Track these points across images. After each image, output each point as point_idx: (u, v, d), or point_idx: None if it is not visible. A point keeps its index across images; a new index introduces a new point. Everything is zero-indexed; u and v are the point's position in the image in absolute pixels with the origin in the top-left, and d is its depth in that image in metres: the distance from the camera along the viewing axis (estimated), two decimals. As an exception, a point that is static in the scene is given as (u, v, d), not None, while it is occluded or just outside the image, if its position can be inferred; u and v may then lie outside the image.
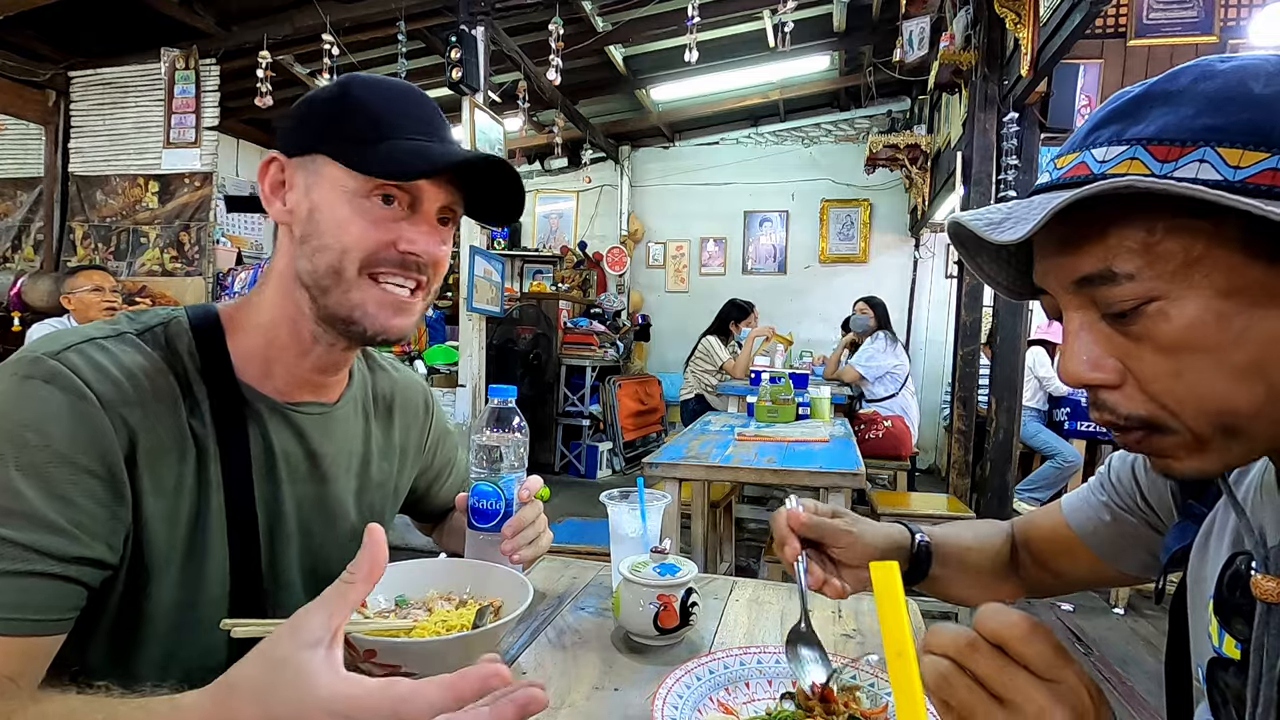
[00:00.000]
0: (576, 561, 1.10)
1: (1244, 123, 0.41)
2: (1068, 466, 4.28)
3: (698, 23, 3.67)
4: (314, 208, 0.70)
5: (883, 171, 5.86)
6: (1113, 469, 0.74)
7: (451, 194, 0.74)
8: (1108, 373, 0.47)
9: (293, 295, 0.72)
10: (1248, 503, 0.55)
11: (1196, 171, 0.41)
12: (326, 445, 0.80)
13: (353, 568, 0.48)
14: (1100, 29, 3.97)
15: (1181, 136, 0.42)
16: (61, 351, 0.62)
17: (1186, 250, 0.42)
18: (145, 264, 4.38)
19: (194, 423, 0.69)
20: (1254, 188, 0.40)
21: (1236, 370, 0.42)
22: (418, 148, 0.70)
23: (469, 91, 3.79)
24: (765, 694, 0.70)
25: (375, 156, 0.68)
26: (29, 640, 0.56)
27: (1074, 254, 0.46)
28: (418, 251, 0.71)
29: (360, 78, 0.74)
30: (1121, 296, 0.44)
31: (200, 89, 4.30)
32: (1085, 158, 0.46)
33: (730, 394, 4.22)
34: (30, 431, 0.58)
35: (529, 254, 7.22)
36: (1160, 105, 0.44)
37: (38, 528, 0.57)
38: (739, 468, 2.15)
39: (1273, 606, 0.48)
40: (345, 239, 0.69)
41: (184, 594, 0.68)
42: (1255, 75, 0.42)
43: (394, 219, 0.71)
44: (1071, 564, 0.78)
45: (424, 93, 0.76)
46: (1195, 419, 0.44)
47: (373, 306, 0.71)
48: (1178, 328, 0.43)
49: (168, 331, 0.71)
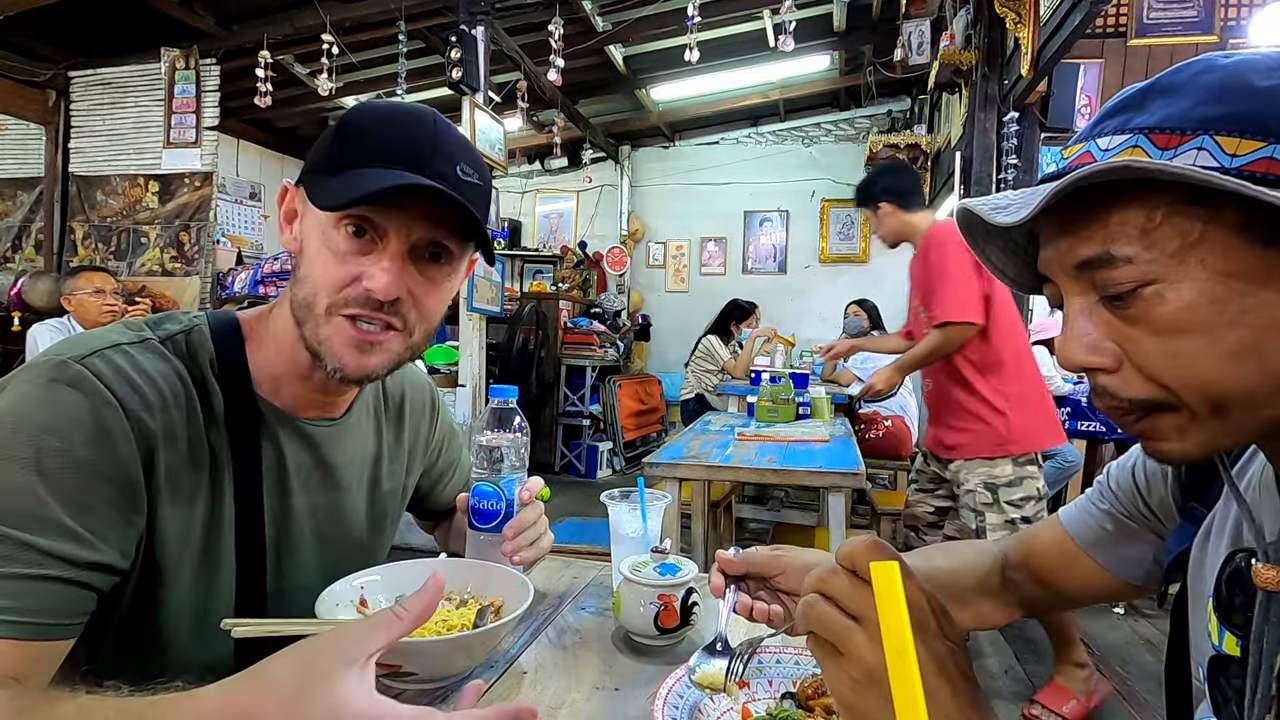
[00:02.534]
0: (576, 561, 1.11)
1: (1242, 113, 0.42)
2: (1068, 466, 4.27)
3: (698, 22, 3.67)
4: (304, 238, 0.70)
5: (883, 171, 5.86)
6: (1112, 476, 0.74)
7: (431, 228, 0.68)
8: (1105, 356, 0.47)
9: (293, 321, 0.72)
10: (1249, 498, 0.55)
11: (1195, 159, 0.42)
12: (339, 455, 0.81)
13: (408, 605, 0.50)
14: (1100, 29, 3.97)
15: (1181, 125, 0.43)
16: (87, 356, 0.63)
17: (1184, 235, 0.43)
18: (145, 264, 4.38)
19: (211, 433, 0.69)
20: (1250, 175, 0.41)
21: (1230, 352, 0.43)
22: (369, 175, 0.64)
23: (469, 91, 3.79)
24: (765, 694, 0.70)
25: (325, 186, 0.66)
26: (39, 644, 0.56)
27: (1075, 238, 0.47)
28: (374, 289, 0.66)
29: (369, 105, 0.71)
30: (1119, 279, 0.45)
31: (200, 89, 4.29)
32: (1090, 146, 0.47)
33: (730, 394, 4.22)
34: (51, 436, 0.58)
35: (529, 254, 7.22)
36: (1163, 96, 0.45)
37: (54, 532, 0.57)
38: (739, 467, 2.15)
39: (1273, 595, 0.48)
40: (315, 273, 0.68)
41: (195, 602, 0.69)
42: (1256, 68, 0.43)
43: (361, 252, 0.67)
44: (1075, 578, 0.77)
45: (423, 117, 0.70)
46: (1193, 397, 0.45)
47: (337, 344, 0.68)
48: (1173, 310, 0.44)
49: (190, 339, 0.71)
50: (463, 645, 0.67)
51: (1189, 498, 0.62)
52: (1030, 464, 2.12)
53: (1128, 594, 0.76)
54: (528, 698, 0.68)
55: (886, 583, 0.44)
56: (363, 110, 0.70)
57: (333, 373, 0.69)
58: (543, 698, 0.68)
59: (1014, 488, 2.11)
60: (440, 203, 0.67)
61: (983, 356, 2.18)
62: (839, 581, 0.45)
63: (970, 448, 2.16)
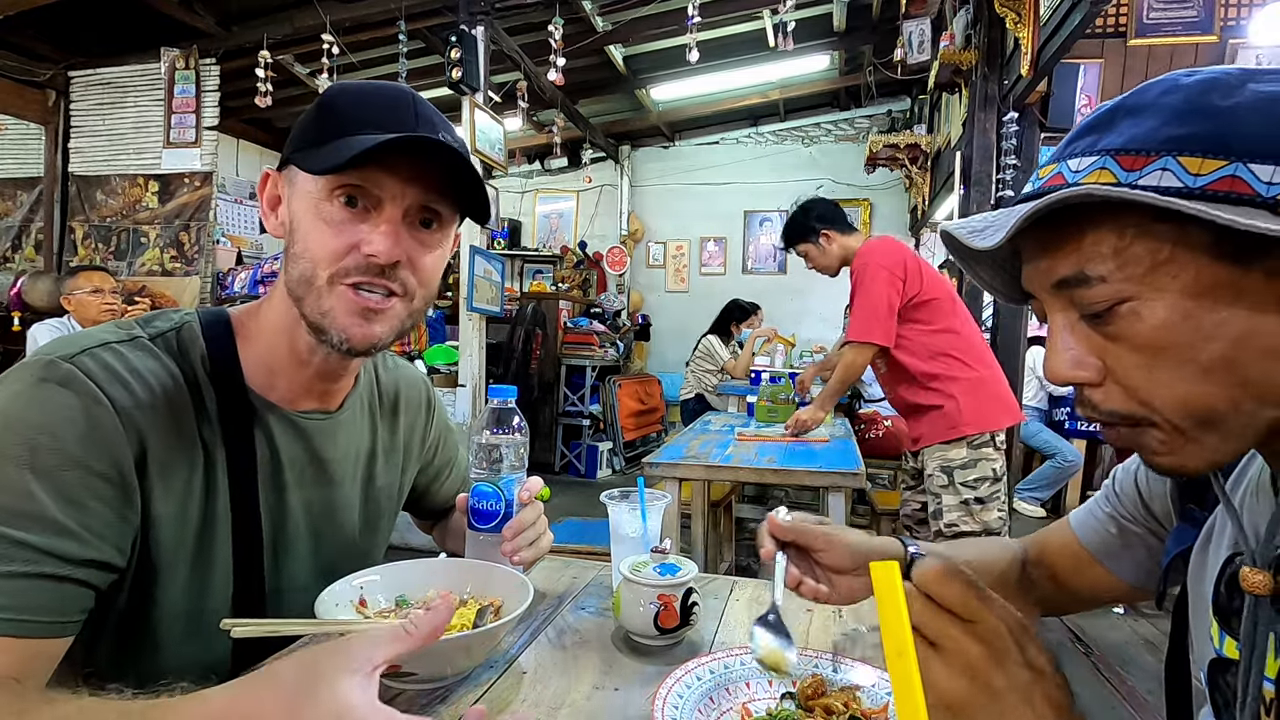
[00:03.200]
0: (576, 561, 1.10)
1: (1205, 133, 0.43)
2: (1068, 466, 4.28)
3: (698, 22, 3.67)
4: (293, 218, 0.71)
5: (883, 171, 5.86)
6: (1116, 480, 0.75)
7: (423, 191, 0.70)
8: (1089, 371, 0.48)
9: (289, 305, 0.72)
10: (1245, 502, 0.56)
11: (1159, 179, 0.43)
12: (332, 450, 0.81)
13: (419, 622, 0.51)
14: (1100, 29, 3.97)
15: (1146, 146, 0.44)
16: (76, 355, 0.63)
17: (1154, 254, 0.44)
18: (145, 264, 4.38)
19: (203, 429, 0.69)
20: (1213, 194, 0.41)
21: (1207, 367, 0.44)
22: (360, 140, 0.65)
23: (469, 91, 3.79)
24: (765, 694, 0.70)
25: (318, 154, 0.66)
26: (37, 642, 0.56)
27: (1052, 258, 0.48)
28: (375, 253, 0.67)
29: (342, 84, 0.72)
30: (1095, 298, 0.46)
31: (200, 89, 4.30)
32: (1062, 168, 0.48)
33: (730, 394, 4.22)
34: (44, 435, 0.59)
35: (529, 254, 7.22)
36: (1129, 117, 0.46)
37: (49, 530, 0.57)
38: (739, 467, 2.15)
39: (1260, 600, 0.49)
40: (312, 246, 0.68)
41: (190, 598, 0.69)
42: (1217, 87, 0.44)
43: (356, 221, 0.68)
44: (1086, 581, 0.78)
45: (402, 90, 0.72)
46: (1173, 414, 0.46)
47: (340, 314, 0.69)
48: (1150, 327, 0.45)
49: (180, 336, 0.71)
50: (463, 645, 0.67)
51: (1188, 499, 0.63)
52: (985, 445, 2.20)
53: (1135, 597, 0.77)
54: (528, 698, 0.68)
55: (887, 583, 0.44)
56: (343, 87, 0.72)
57: (339, 344, 0.70)
58: (543, 698, 0.68)
59: (968, 469, 2.19)
60: (431, 167, 0.69)
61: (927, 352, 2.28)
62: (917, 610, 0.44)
63: (928, 436, 2.26)
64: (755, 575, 3.15)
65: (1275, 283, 0.43)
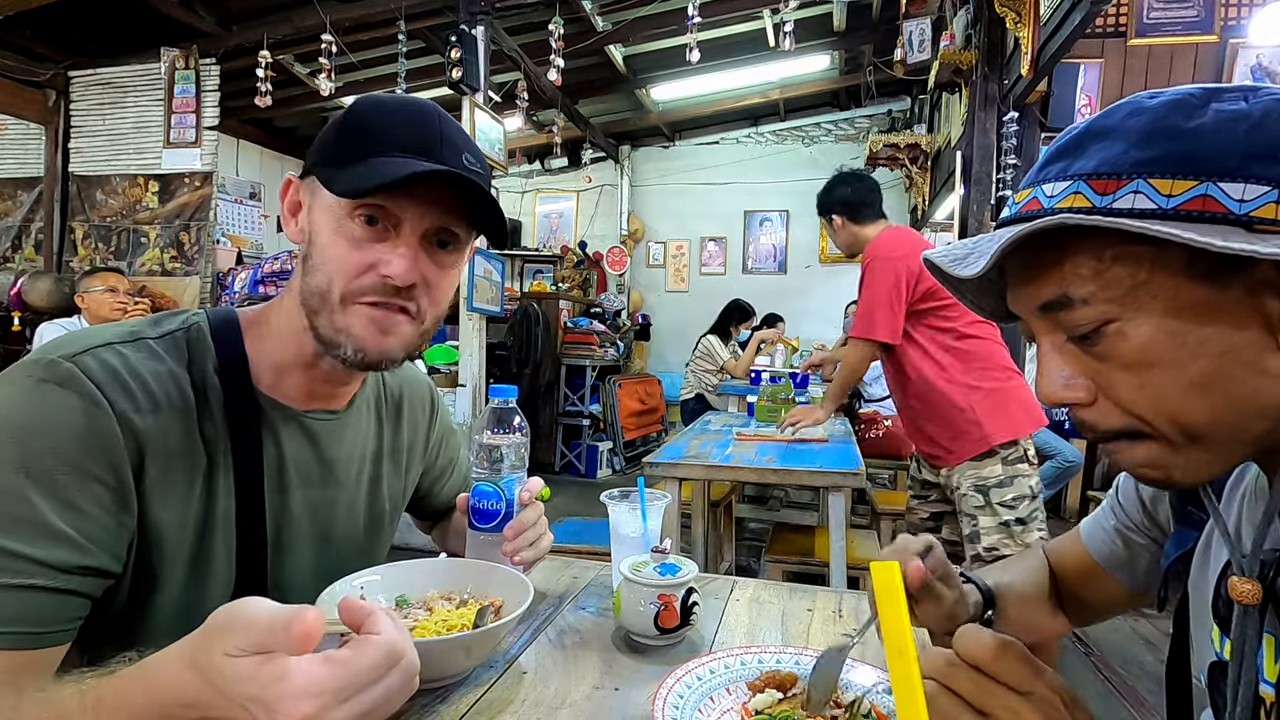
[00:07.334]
0: (577, 561, 1.10)
1: (1172, 154, 0.43)
2: (1068, 466, 4.28)
3: (698, 22, 3.67)
4: (313, 228, 0.71)
5: (883, 171, 5.85)
6: (1120, 490, 0.75)
7: (443, 214, 0.70)
8: (1080, 391, 0.49)
9: (301, 312, 0.72)
10: (1241, 509, 0.56)
11: (1133, 202, 0.43)
12: (338, 450, 0.80)
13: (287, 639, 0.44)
14: (1100, 28, 3.98)
15: (1117, 170, 0.44)
16: (77, 355, 0.62)
17: (1133, 275, 0.45)
18: (145, 264, 4.38)
19: (207, 431, 0.69)
20: (1187, 213, 0.42)
21: (1195, 382, 0.44)
22: (384, 164, 0.66)
23: (469, 91, 3.79)
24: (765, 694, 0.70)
25: (341, 174, 0.67)
26: (30, 653, 0.56)
27: (1035, 282, 0.49)
28: (393, 275, 0.68)
29: (371, 98, 0.72)
30: (1080, 320, 0.47)
31: (200, 89, 4.30)
32: (1037, 193, 0.48)
33: (730, 394, 4.22)
34: (41, 436, 0.58)
35: (529, 254, 7.22)
36: (1097, 141, 0.46)
37: (44, 538, 0.56)
38: (739, 467, 2.15)
39: (1249, 609, 0.49)
40: (330, 262, 0.69)
41: (188, 601, 0.68)
42: (1182, 108, 0.44)
43: (375, 240, 0.69)
44: (1101, 592, 0.79)
45: (428, 109, 0.72)
46: (1164, 426, 0.46)
47: (358, 329, 0.69)
48: (1136, 346, 0.45)
49: (188, 337, 0.71)
50: (463, 645, 0.67)
51: (1187, 502, 0.63)
52: (1020, 461, 2.07)
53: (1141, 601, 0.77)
54: (528, 698, 0.68)
55: (887, 583, 0.44)
56: (369, 101, 0.71)
57: (354, 355, 0.70)
58: (543, 697, 0.68)
59: (1005, 488, 2.05)
60: (451, 190, 0.69)
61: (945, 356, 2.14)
62: (966, 681, 0.44)
63: (956, 454, 2.10)
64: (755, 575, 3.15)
65: (1255, 298, 0.43)
